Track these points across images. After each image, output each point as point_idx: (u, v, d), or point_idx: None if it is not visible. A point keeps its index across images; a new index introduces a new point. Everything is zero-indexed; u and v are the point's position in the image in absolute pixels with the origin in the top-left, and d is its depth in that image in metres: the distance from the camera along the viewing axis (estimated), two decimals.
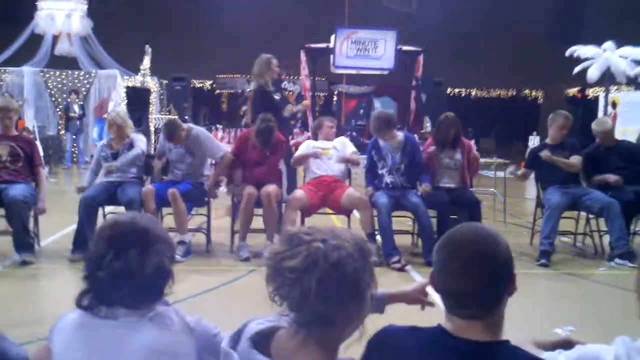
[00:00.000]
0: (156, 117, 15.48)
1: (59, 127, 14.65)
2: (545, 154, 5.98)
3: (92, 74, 14.81)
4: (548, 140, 6.25)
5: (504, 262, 1.55)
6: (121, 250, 1.66)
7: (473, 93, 25.60)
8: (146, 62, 15.25)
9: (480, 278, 1.53)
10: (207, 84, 23.10)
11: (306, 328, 1.46)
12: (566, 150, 6.08)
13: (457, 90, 23.28)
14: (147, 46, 15.18)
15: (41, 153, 6.13)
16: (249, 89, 20.40)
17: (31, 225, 5.54)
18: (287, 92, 18.18)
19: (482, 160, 7.22)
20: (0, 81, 14.08)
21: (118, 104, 14.35)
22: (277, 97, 6.86)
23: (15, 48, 14.59)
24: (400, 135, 5.90)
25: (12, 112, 5.78)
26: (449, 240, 1.60)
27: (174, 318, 1.70)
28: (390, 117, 5.88)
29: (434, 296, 1.69)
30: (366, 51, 11.46)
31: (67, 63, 15.14)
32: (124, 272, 1.64)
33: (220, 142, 13.60)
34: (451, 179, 5.96)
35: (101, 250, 1.68)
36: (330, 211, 6.14)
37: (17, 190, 5.30)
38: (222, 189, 6.78)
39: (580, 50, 14.19)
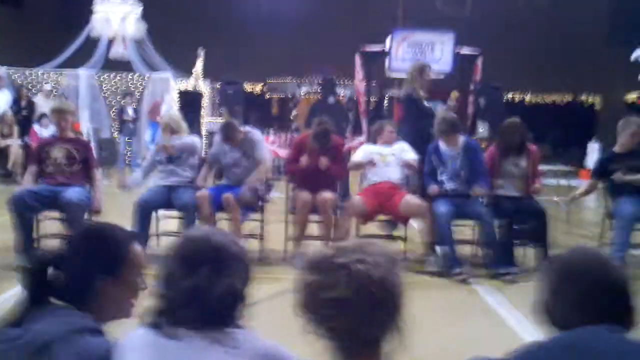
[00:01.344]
0: (208, 121, 15.53)
1: (113, 130, 14.83)
2: (618, 176, 5.64)
3: (146, 77, 14.96)
4: (617, 148, 5.90)
5: (623, 290, 1.38)
6: (191, 269, 1.56)
7: (528, 98, 25.04)
8: (199, 65, 15.32)
9: (599, 306, 1.36)
10: (258, 87, 23.15)
11: (356, 356, 1.33)
12: (637, 158, 5.75)
13: (511, 94, 22.79)
14: (200, 50, 15.25)
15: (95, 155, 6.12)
16: (300, 93, 20.41)
17: None
18: (339, 96, 18.08)
19: (544, 167, 6.94)
20: (56, 84, 14.30)
21: (171, 107, 14.46)
22: (330, 101, 6.72)
23: (72, 51, 14.82)
24: (462, 140, 5.67)
25: (68, 114, 5.79)
26: (561, 265, 1.45)
27: (244, 342, 1.56)
28: (455, 121, 5.65)
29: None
30: (423, 54, 11.22)
31: (122, 66, 15.32)
32: (193, 291, 1.54)
33: (271, 145, 13.59)
34: (515, 187, 5.70)
35: (171, 267, 1.59)
36: (387, 219, 5.96)
37: (73, 192, 5.28)
38: (274, 194, 6.65)
39: None
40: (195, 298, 1.54)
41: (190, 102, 14.83)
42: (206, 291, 1.54)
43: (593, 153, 15.65)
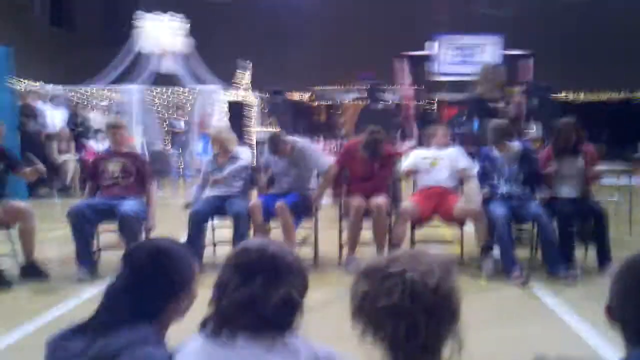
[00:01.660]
0: (257, 131, 15.69)
1: (165, 143, 15.11)
2: None
3: (195, 90, 15.20)
4: None
5: None
6: (247, 278, 1.58)
7: (581, 97, 24.47)
8: (246, 76, 15.51)
9: None
10: (305, 96, 23.26)
11: None
12: None
13: (564, 94, 22.31)
14: (246, 61, 15.44)
15: None
16: (346, 100, 20.37)
17: (142, 238, 5.59)
18: (386, 102, 18.00)
19: (601, 167, 6.76)
20: (109, 100, 14.66)
21: (221, 119, 14.66)
22: (378, 107, 6.72)
23: (123, 67, 15.17)
24: (516, 145, 5.57)
25: (122, 129, 5.94)
26: (634, 267, 1.38)
27: (301, 350, 1.57)
28: (506, 128, 5.56)
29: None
30: (471, 57, 11.10)
31: (171, 80, 15.61)
32: (249, 300, 1.56)
33: (323, 151, 13.62)
34: (572, 189, 5.56)
35: (227, 276, 1.62)
36: (440, 223, 5.88)
37: (129, 205, 5.37)
38: (325, 201, 6.64)
39: None
40: (252, 307, 1.56)
41: (239, 113, 15.04)
42: (262, 300, 1.56)
43: None
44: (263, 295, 1.56)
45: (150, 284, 1.73)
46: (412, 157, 6.03)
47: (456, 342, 1.34)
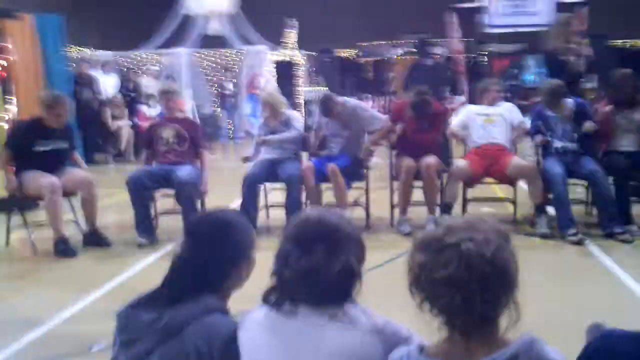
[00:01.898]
0: (305, 90, 15.66)
1: (214, 106, 15.23)
2: None
3: (243, 52, 15.21)
4: None
5: None
6: (308, 249, 1.61)
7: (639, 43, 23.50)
8: (293, 36, 15.43)
9: None
10: (352, 52, 23.04)
11: (472, 334, 1.36)
12: None
13: (620, 42, 21.48)
14: (293, 20, 15.34)
15: None
16: (395, 55, 20.01)
17: (199, 203, 5.72)
18: (435, 56, 17.65)
19: None
20: (159, 64, 14.81)
21: (269, 80, 14.67)
22: (428, 62, 6.58)
23: (171, 31, 15.24)
24: (570, 102, 5.44)
25: (174, 94, 6.04)
26: None
27: (361, 319, 1.60)
28: (559, 88, 5.42)
29: None
30: (524, 7, 10.77)
31: (218, 42, 15.63)
32: (310, 270, 1.59)
33: (373, 109, 13.55)
34: (630, 142, 5.43)
35: (288, 247, 1.64)
36: (493, 181, 5.84)
37: (185, 171, 5.49)
38: (375, 160, 6.64)
39: None
40: (312, 277, 1.59)
41: (286, 73, 15.02)
42: (322, 270, 1.59)
43: None
44: (324, 266, 1.59)
45: (212, 255, 1.79)
46: (463, 114, 5.95)
47: (514, 311, 1.36)
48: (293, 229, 1.69)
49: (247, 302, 1.81)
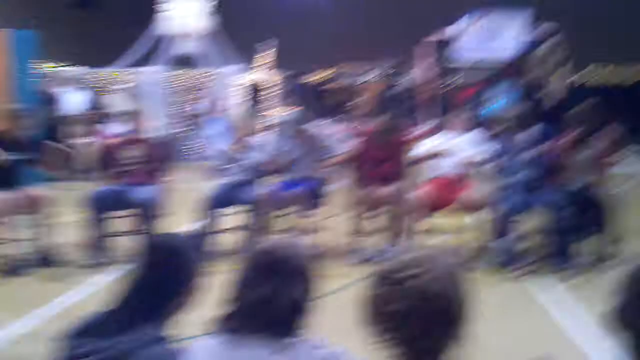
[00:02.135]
0: (277, 112, 15.71)
1: (182, 125, 15.17)
2: None
3: (213, 73, 15.22)
4: None
5: None
6: (261, 280, 1.65)
7: (604, 72, 24.00)
8: (267, 57, 15.50)
9: None
10: (324, 75, 23.21)
11: None
12: None
13: (587, 69, 21.89)
14: (269, 41, 15.41)
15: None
16: (366, 80, 20.25)
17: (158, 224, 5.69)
18: (405, 84, 17.90)
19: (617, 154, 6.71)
20: (127, 82, 14.73)
21: (239, 101, 14.69)
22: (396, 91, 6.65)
23: (142, 49, 15.22)
24: (532, 130, 5.56)
25: (141, 114, 6.06)
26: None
27: (304, 352, 1.63)
28: (524, 114, 5.55)
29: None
30: (492, 41, 10.95)
31: (189, 62, 15.63)
32: (262, 301, 1.62)
33: (337, 135, 13.63)
34: (584, 175, 5.54)
35: (242, 278, 1.68)
36: (447, 212, 5.90)
37: (145, 192, 5.50)
38: (337, 184, 6.66)
39: None
40: (263, 308, 1.62)
41: (258, 94, 15.06)
42: (274, 301, 1.62)
43: None
44: (276, 297, 1.62)
45: (162, 281, 1.80)
46: (427, 144, 6.04)
47: (458, 346, 1.42)
48: (249, 260, 1.72)
49: (198, 326, 1.81)
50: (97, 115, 12.36)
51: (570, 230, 5.25)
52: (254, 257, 1.72)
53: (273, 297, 1.61)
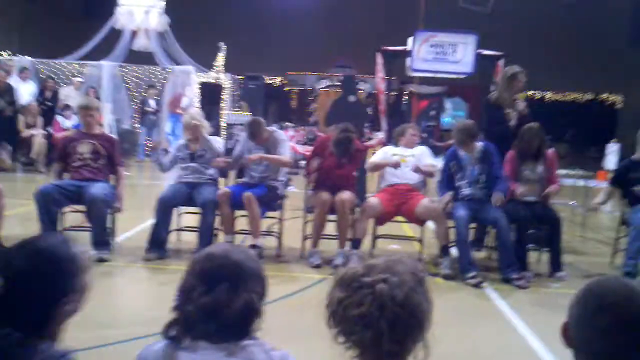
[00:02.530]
0: (228, 113, 15.67)
1: (134, 121, 15.00)
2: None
3: (168, 70, 15.10)
4: (636, 156, 5.91)
5: None
6: (211, 285, 1.63)
7: (548, 96, 24.88)
8: (220, 59, 15.45)
9: (629, 336, 1.37)
10: (278, 80, 23.26)
11: None
12: None
13: (531, 92, 22.64)
14: (221, 43, 15.38)
15: None
16: (319, 87, 20.37)
17: (109, 222, 5.64)
18: (359, 92, 18.11)
19: (562, 171, 7.00)
20: (80, 75, 14.48)
21: (192, 100, 14.59)
22: (351, 99, 6.74)
23: (96, 43, 14.99)
24: (479, 145, 5.72)
25: (94, 110, 5.92)
26: (594, 293, 1.45)
27: (257, 354, 1.65)
28: (472, 128, 5.69)
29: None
30: (445, 55, 11.25)
31: (144, 58, 15.46)
32: (212, 307, 1.61)
33: (290, 140, 13.68)
34: (532, 192, 5.75)
35: (191, 282, 1.66)
36: (404, 220, 6.04)
37: (97, 188, 5.42)
38: (292, 188, 6.72)
39: None
40: (214, 313, 1.61)
41: (210, 95, 15.00)
42: (224, 307, 1.62)
43: (612, 154, 15.56)
44: (226, 302, 1.62)
45: (32, 292, 1.60)
46: (380, 154, 6.16)
47: (422, 351, 1.47)
48: (197, 264, 1.70)
49: (150, 326, 1.78)
50: (48, 107, 12.10)
51: (522, 242, 5.43)
52: (205, 261, 1.70)
53: (226, 301, 1.61)
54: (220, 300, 1.61)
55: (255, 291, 1.68)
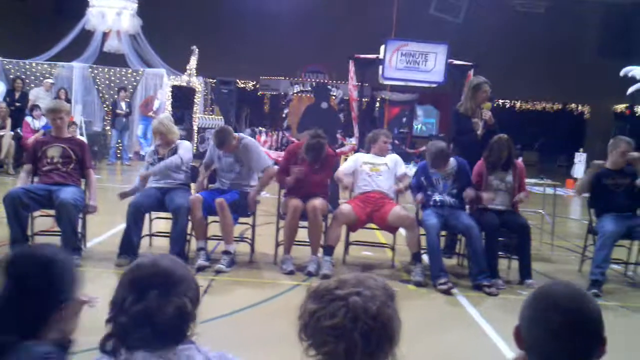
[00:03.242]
0: (200, 117, 15.62)
1: (105, 123, 14.85)
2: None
3: (140, 72, 14.99)
4: (608, 166, 6.03)
5: (599, 323, 1.53)
6: (141, 293, 1.64)
7: (518, 105, 25.27)
8: (192, 62, 15.40)
9: (577, 337, 1.50)
10: (250, 84, 23.24)
11: None
12: (626, 176, 5.89)
13: (501, 101, 22.98)
14: (193, 47, 15.33)
15: None
16: (292, 92, 20.43)
17: (79, 227, 5.58)
18: (331, 97, 18.19)
19: (531, 180, 7.10)
20: (50, 75, 14.31)
21: (164, 103, 14.52)
22: (323, 106, 6.78)
23: (66, 43, 14.84)
24: (452, 162, 5.78)
25: (63, 113, 5.83)
26: (544, 296, 1.57)
27: (195, 357, 1.68)
28: (443, 151, 5.74)
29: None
30: (416, 64, 11.38)
31: (116, 60, 15.35)
32: (144, 314, 1.62)
33: (263, 145, 13.68)
34: (501, 201, 5.83)
35: (122, 293, 1.67)
36: (376, 227, 6.08)
37: (68, 192, 5.35)
38: (264, 194, 6.66)
39: (635, 70, 13.81)
40: (147, 320, 1.62)
41: (182, 98, 14.93)
42: (156, 313, 1.62)
43: (580, 163, 15.84)
44: (157, 309, 1.63)
45: (34, 296, 1.72)
46: (352, 161, 6.19)
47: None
48: (126, 275, 1.71)
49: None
50: (17, 107, 11.92)
51: (492, 250, 5.51)
52: (134, 271, 1.71)
53: (157, 308, 1.62)
54: (151, 307, 1.62)
55: (187, 295, 1.69)
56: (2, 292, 1.71)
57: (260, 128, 16.91)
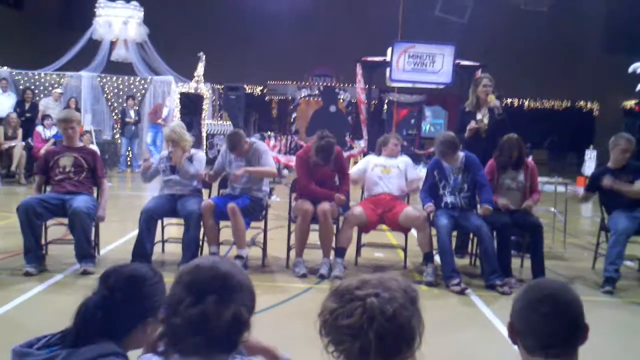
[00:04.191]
0: (208, 123, 15.67)
1: (114, 132, 14.93)
2: (607, 182, 5.75)
3: (148, 80, 15.06)
4: (610, 164, 6.00)
5: (581, 310, 1.74)
6: (199, 297, 1.62)
7: (526, 104, 25.19)
8: (200, 69, 15.46)
9: (564, 321, 1.69)
10: (258, 89, 23.29)
11: None
12: (629, 173, 5.85)
13: (509, 100, 22.92)
14: (201, 53, 15.40)
15: None
16: (299, 96, 20.44)
17: (92, 234, 5.61)
18: (338, 100, 18.22)
19: (542, 178, 7.09)
20: (59, 85, 14.40)
21: (172, 110, 14.58)
22: (331, 109, 6.77)
23: (74, 53, 14.93)
24: (461, 155, 5.78)
25: (75, 122, 5.86)
26: (534, 288, 1.76)
27: None
28: (454, 140, 5.73)
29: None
30: (424, 65, 11.39)
31: (124, 69, 15.42)
32: (201, 319, 1.60)
33: (272, 150, 13.71)
34: (512, 201, 5.82)
35: (179, 295, 1.65)
36: (387, 228, 6.08)
37: (80, 201, 5.39)
38: (275, 197, 6.72)
39: None
40: (202, 326, 1.60)
41: (190, 105, 14.99)
42: (212, 319, 1.61)
43: (590, 160, 15.76)
44: (214, 315, 1.61)
45: (123, 306, 1.79)
46: (363, 163, 6.20)
47: None
48: (185, 276, 1.69)
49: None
50: (27, 118, 12.01)
51: (504, 249, 5.50)
52: (193, 273, 1.69)
53: (214, 313, 1.60)
54: (208, 312, 1.60)
55: (244, 304, 1.67)
56: (98, 298, 1.80)
57: (269, 132, 16.94)
